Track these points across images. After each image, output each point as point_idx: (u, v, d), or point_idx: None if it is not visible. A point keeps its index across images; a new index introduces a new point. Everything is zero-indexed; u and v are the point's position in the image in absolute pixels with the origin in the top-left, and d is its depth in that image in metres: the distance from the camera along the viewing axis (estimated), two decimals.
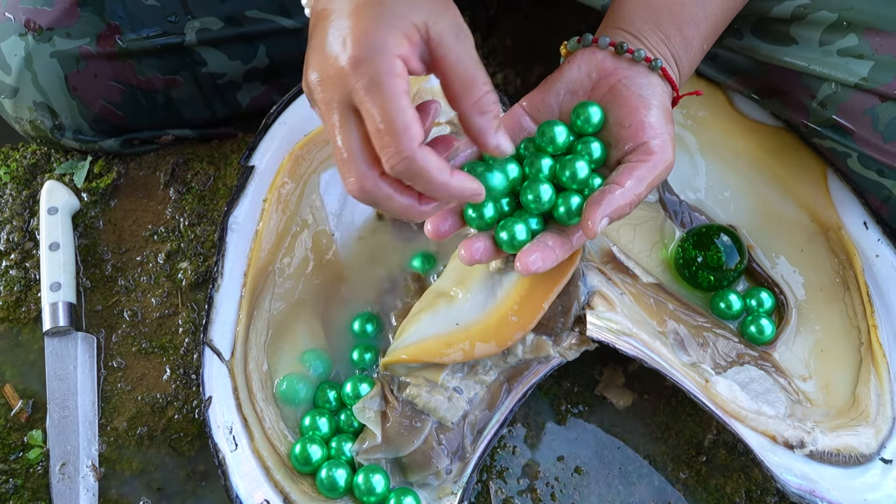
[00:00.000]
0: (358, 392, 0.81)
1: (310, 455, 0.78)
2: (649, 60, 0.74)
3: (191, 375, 0.87)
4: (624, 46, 0.74)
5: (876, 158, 0.83)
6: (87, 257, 0.93)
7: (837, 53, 0.83)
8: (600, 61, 0.75)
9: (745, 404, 0.79)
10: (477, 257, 0.73)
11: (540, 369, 0.80)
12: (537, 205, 0.73)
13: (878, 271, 0.84)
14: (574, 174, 0.73)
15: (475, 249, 0.73)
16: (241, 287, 0.83)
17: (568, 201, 0.73)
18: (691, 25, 0.77)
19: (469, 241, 0.73)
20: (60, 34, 0.90)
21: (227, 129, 1.00)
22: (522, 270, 0.71)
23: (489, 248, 0.73)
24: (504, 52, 1.20)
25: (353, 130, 0.64)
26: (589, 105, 0.74)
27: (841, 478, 0.77)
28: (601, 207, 0.70)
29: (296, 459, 0.78)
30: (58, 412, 0.84)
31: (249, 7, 0.93)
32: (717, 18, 0.79)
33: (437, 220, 0.72)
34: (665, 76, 0.75)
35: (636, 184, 0.71)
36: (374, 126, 0.62)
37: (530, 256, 0.71)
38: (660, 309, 0.83)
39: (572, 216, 0.73)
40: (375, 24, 0.63)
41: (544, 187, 0.73)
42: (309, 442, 0.78)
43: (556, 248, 0.72)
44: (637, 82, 0.74)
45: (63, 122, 0.94)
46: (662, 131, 0.73)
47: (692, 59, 0.79)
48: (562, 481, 0.83)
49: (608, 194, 0.70)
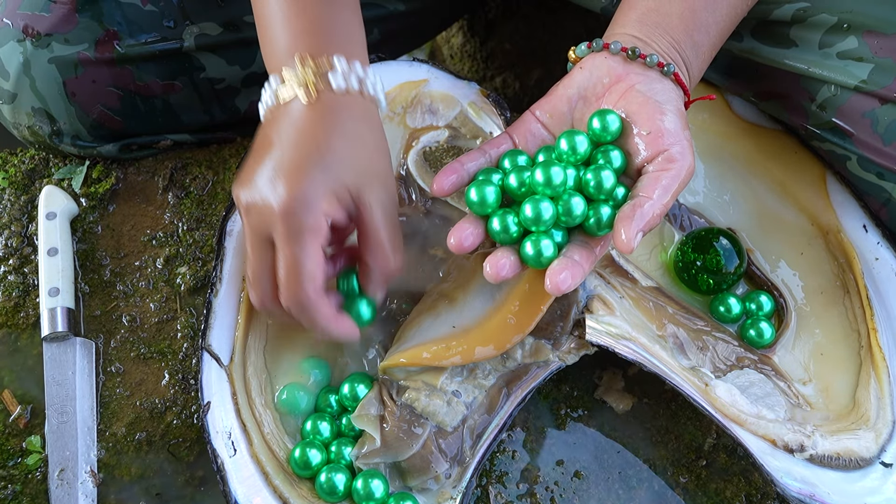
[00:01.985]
0: (356, 393, 0.80)
1: (309, 459, 0.78)
2: (662, 65, 0.73)
3: (189, 381, 0.87)
4: (636, 51, 0.74)
5: (875, 161, 0.82)
6: (86, 262, 0.93)
7: (837, 56, 0.83)
8: (612, 66, 0.74)
9: (744, 408, 0.79)
10: (503, 274, 0.71)
11: (539, 373, 0.80)
12: (568, 218, 0.70)
13: (878, 274, 0.84)
14: (600, 184, 0.70)
15: (500, 266, 0.70)
16: (240, 292, 0.83)
17: (598, 212, 0.71)
18: (701, 31, 0.76)
19: (494, 257, 0.71)
20: (59, 40, 0.90)
21: (225, 133, 1.00)
22: (553, 290, 0.68)
23: (514, 264, 0.71)
24: (502, 55, 1.21)
25: (266, 259, 0.71)
26: (607, 113, 0.72)
27: (841, 482, 0.76)
28: (634, 222, 0.68)
29: (295, 463, 0.78)
30: (56, 418, 0.84)
31: (248, 12, 0.93)
32: (726, 24, 0.78)
33: (459, 233, 0.71)
34: (677, 81, 0.74)
35: (663, 194, 0.69)
36: (281, 267, 0.70)
37: (560, 275, 0.68)
38: (659, 312, 0.83)
39: (602, 227, 0.71)
40: (309, 181, 0.69)
41: (576, 200, 0.70)
42: (308, 446, 0.78)
43: (584, 262, 0.70)
44: (651, 87, 0.73)
45: (61, 128, 0.94)
46: (681, 137, 0.71)
47: (701, 65, 0.78)
48: (561, 486, 0.82)
49: (639, 208, 0.68)
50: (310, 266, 0.69)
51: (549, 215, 0.70)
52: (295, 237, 0.68)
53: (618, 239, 0.68)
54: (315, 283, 0.69)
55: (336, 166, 0.70)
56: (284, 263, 0.69)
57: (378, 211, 0.72)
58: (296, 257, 0.69)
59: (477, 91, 0.90)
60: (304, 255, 0.69)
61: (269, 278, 0.71)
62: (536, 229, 0.71)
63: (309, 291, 0.69)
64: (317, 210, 0.69)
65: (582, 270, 0.70)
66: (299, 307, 0.70)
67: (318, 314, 0.71)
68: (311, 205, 0.68)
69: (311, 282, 0.69)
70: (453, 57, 1.23)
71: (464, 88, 0.90)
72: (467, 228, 0.71)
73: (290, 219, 0.68)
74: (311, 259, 0.69)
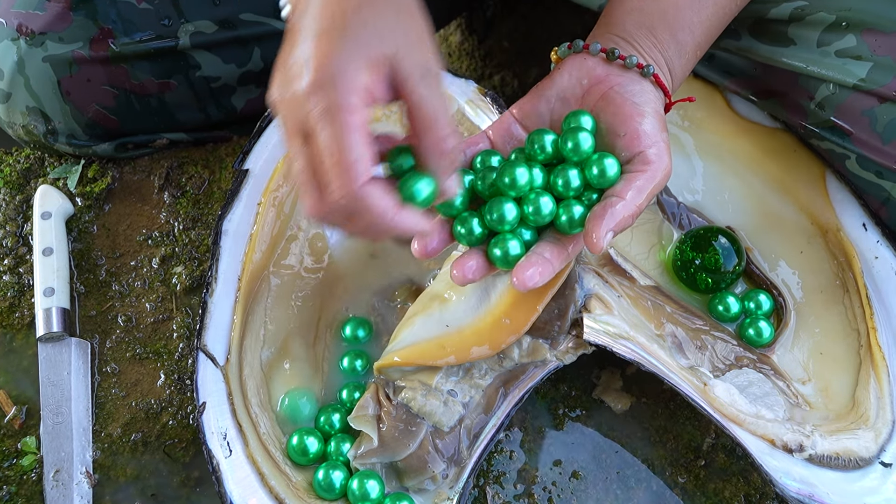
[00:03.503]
0: (353, 398, 0.81)
1: (307, 446, 0.78)
2: (641, 67, 0.73)
3: (185, 381, 0.86)
4: (615, 53, 0.73)
5: (874, 160, 0.82)
6: (81, 262, 0.92)
7: (835, 54, 0.82)
8: (591, 68, 0.74)
9: (743, 408, 0.78)
10: (470, 276, 0.70)
11: (537, 373, 0.80)
12: (537, 217, 0.70)
13: (878, 273, 0.84)
14: (567, 183, 0.71)
15: (468, 269, 0.70)
16: (236, 292, 0.83)
17: (570, 210, 0.70)
18: (686, 30, 0.76)
19: (460, 260, 0.70)
20: (53, 38, 0.89)
21: (221, 132, 1.00)
22: (519, 286, 0.68)
23: (482, 266, 0.70)
24: (501, 53, 1.20)
25: (310, 157, 0.62)
26: (580, 114, 0.72)
27: (840, 482, 0.76)
28: (604, 221, 0.67)
29: (293, 450, 0.78)
30: (52, 418, 0.84)
31: (243, 10, 0.93)
32: (712, 24, 0.78)
33: (423, 238, 0.69)
34: (657, 82, 0.74)
35: (636, 195, 0.69)
36: (321, 157, 0.61)
37: (527, 272, 0.68)
38: (657, 312, 0.83)
39: (574, 226, 0.70)
40: (337, 51, 0.60)
41: (544, 200, 0.70)
42: (306, 433, 0.78)
43: (554, 260, 0.70)
44: (630, 89, 0.73)
45: (56, 127, 0.93)
46: (658, 139, 0.71)
47: (685, 65, 0.77)
48: (559, 486, 0.82)
49: (610, 208, 0.68)
50: (352, 147, 0.59)
51: (512, 216, 0.69)
52: (329, 116, 0.59)
53: (588, 238, 0.68)
54: (358, 168, 0.59)
55: (368, 34, 0.61)
56: (324, 150, 0.60)
57: (419, 80, 0.63)
58: (335, 139, 0.59)
59: (474, 89, 0.90)
60: (343, 135, 0.59)
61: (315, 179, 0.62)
62: (501, 229, 0.70)
63: (354, 179, 0.60)
64: (350, 82, 0.60)
65: (551, 267, 0.69)
66: (348, 200, 0.60)
67: (374, 205, 0.61)
68: (343, 77, 0.60)
69: (353, 167, 0.59)
70: (451, 55, 1.23)
71: (461, 86, 0.90)
72: (432, 232, 0.69)
73: (319, 95, 0.60)
74: (352, 139, 0.59)
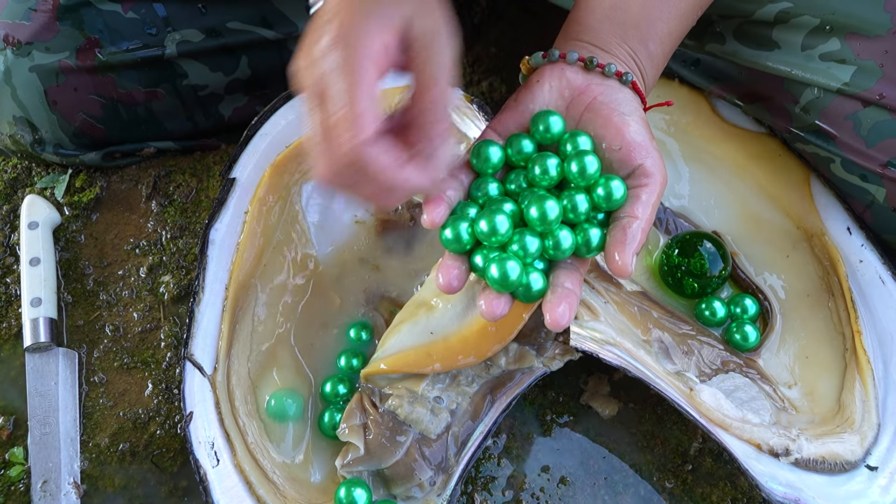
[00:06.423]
0: (337, 391, 0.82)
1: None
2: (620, 74, 0.72)
3: (173, 390, 0.86)
4: (594, 61, 0.72)
5: (859, 163, 0.82)
6: (69, 272, 0.92)
7: (819, 58, 0.83)
8: (570, 79, 0.72)
9: (729, 412, 0.78)
10: (499, 313, 0.67)
11: (524, 380, 0.80)
12: (556, 252, 0.68)
13: (862, 276, 0.84)
14: (575, 207, 0.68)
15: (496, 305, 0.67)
16: (223, 300, 0.83)
17: (587, 235, 0.68)
18: (656, 41, 0.75)
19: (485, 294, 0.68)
20: (39, 48, 0.89)
21: (209, 140, 1.00)
22: (553, 326, 0.66)
23: (507, 301, 0.68)
24: (489, 59, 1.20)
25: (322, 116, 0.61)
26: (578, 135, 0.70)
27: (826, 485, 0.76)
28: (627, 246, 0.66)
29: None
30: (39, 429, 0.84)
31: (230, 19, 0.93)
32: (677, 36, 0.77)
33: (447, 274, 0.67)
34: (635, 89, 0.73)
35: (646, 210, 0.68)
36: (331, 108, 0.59)
37: (558, 308, 0.65)
38: (644, 317, 0.83)
39: (592, 250, 0.68)
40: (359, 14, 0.60)
41: (563, 234, 0.68)
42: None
43: (576, 288, 0.68)
44: (614, 98, 0.71)
45: (43, 137, 0.93)
46: (651, 149, 0.70)
47: (655, 73, 0.77)
48: (547, 492, 0.82)
49: (628, 229, 0.67)
50: (360, 99, 0.58)
51: (535, 248, 0.68)
52: (343, 71, 0.59)
53: (613, 264, 0.66)
54: (368, 116, 0.59)
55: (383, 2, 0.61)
56: (335, 103, 0.59)
57: (430, 42, 0.63)
58: (346, 91, 0.58)
59: (460, 96, 0.90)
60: (354, 88, 0.58)
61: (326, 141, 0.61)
62: (525, 262, 0.68)
63: (363, 127, 0.58)
64: (366, 41, 0.60)
65: (576, 297, 0.67)
66: (357, 153, 0.59)
67: (378, 160, 0.60)
68: (360, 36, 0.60)
69: (364, 115, 0.58)
70: None
71: None
72: (453, 269, 0.68)
73: (338, 47, 0.59)
74: (361, 91, 0.58)
